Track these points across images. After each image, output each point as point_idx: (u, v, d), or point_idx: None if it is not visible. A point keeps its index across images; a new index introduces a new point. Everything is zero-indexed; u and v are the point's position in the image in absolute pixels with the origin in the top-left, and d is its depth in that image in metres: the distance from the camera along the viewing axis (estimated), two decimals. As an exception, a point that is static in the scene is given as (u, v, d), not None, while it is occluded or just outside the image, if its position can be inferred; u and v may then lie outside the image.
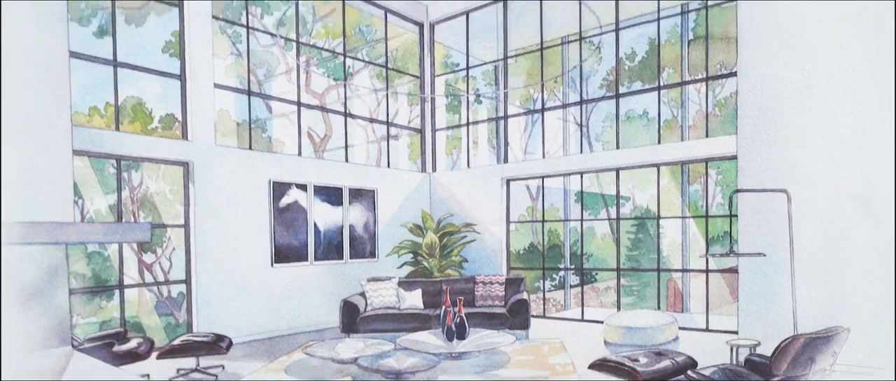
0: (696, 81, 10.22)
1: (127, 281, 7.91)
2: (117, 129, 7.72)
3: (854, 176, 6.26)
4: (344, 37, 10.97)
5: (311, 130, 10.81)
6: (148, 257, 8.30)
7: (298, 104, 10.15)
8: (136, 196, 8.08)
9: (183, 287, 8.30)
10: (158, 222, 8.25)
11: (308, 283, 9.97)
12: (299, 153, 10.18)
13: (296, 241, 9.79)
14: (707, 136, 9.51)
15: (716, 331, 9.19)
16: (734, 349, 6.33)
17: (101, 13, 7.62)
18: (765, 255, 6.17)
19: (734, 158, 7.53)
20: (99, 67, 7.50)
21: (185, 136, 8.31)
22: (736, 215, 7.27)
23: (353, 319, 8.46)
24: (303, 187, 9.89)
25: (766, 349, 6.14)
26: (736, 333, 7.63)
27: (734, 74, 8.12)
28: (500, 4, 11.66)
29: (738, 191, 6.58)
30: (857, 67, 6.23)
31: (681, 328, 9.24)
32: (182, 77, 8.29)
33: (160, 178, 8.29)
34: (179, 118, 8.32)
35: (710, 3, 9.35)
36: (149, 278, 8.32)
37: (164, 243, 8.38)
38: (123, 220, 7.71)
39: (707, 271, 9.75)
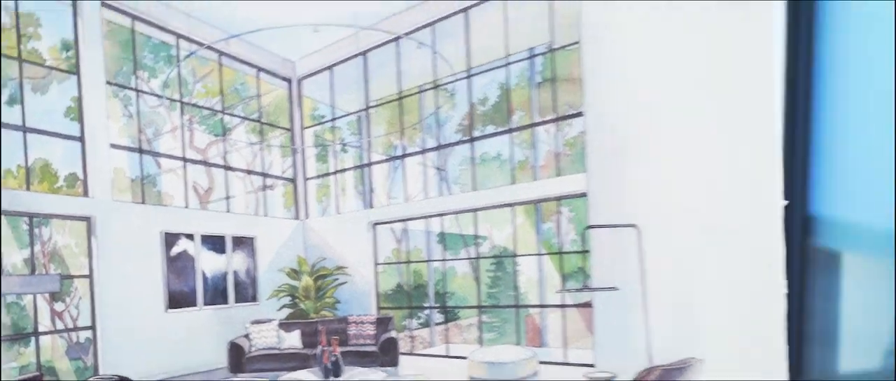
0: (545, 123, 10.51)
1: (41, 329, 8.84)
2: (28, 189, 8.75)
3: (703, 209, 6.29)
4: (221, 95, 12.10)
5: (196, 183, 11.72)
6: (58, 306, 9.09)
7: (184, 160, 11.25)
8: (46, 250, 8.96)
9: (90, 333, 9.22)
10: (67, 273, 9.09)
11: (198, 326, 10.93)
12: (186, 205, 11.23)
13: (186, 287, 10.76)
14: (558, 175, 10.16)
15: (573, 365, 9.57)
16: (592, 382, 6.55)
17: (10, 83, 8.67)
18: (618, 289, 6.63)
19: (585, 195, 7.68)
20: (11, 133, 8.52)
21: (86, 193, 9.32)
22: (588, 251, 7.57)
23: (238, 359, 9.41)
24: (190, 237, 10.93)
25: (623, 382, 6.34)
26: (593, 366, 7.80)
27: (581, 114, 8.25)
28: (361, 58, 12.64)
29: (589, 227, 7.05)
30: (701, 102, 6.28)
31: (540, 362, 9.39)
32: (82, 139, 9.32)
33: (67, 232, 9.15)
34: (81, 177, 9.37)
35: (554, 46, 9.97)
36: (60, 325, 9.13)
37: (72, 292, 9.17)
38: (36, 272, 8.73)
39: (563, 306, 10.34)
